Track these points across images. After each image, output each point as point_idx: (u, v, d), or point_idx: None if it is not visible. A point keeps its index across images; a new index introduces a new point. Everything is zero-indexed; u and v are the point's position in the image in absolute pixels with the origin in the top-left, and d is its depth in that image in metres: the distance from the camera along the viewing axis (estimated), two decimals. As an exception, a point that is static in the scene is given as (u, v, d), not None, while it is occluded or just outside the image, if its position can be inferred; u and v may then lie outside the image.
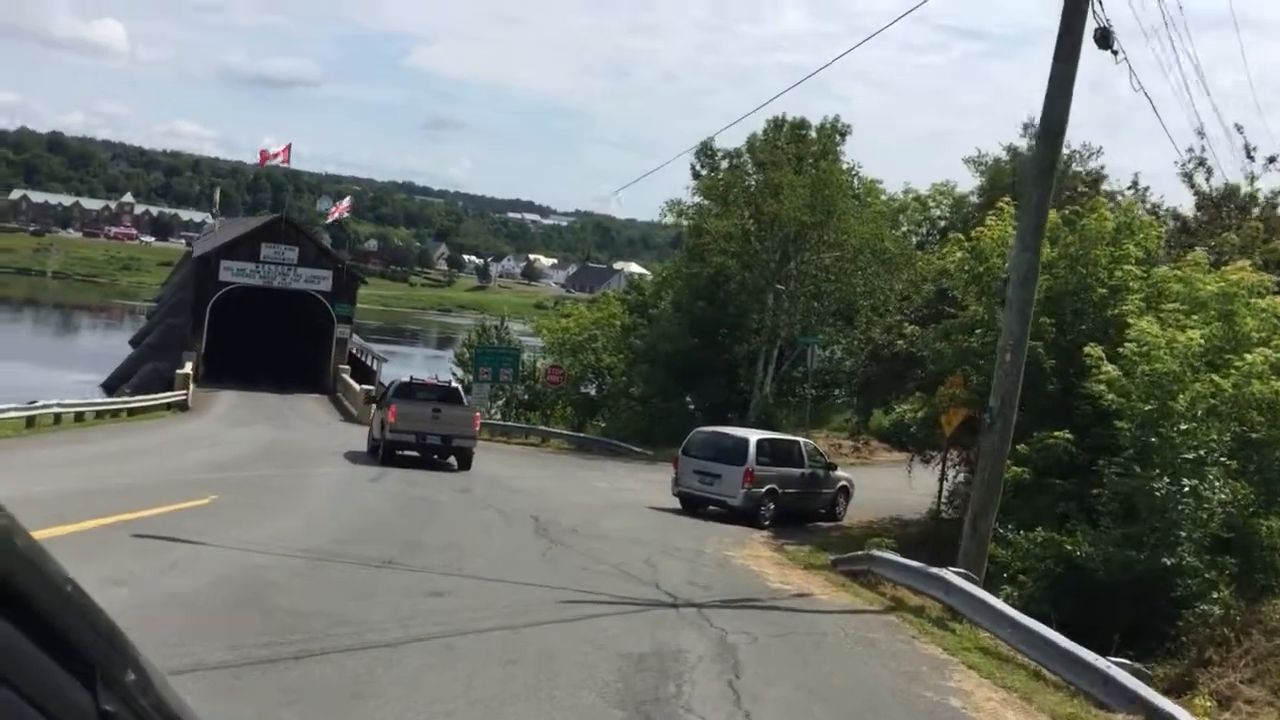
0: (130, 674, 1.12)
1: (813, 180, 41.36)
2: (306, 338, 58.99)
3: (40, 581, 1.02)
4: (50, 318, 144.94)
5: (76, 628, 1.05)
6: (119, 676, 1.10)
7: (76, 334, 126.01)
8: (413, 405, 30.08)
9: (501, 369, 47.17)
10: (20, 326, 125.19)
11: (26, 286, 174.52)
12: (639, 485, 31.53)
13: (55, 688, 1.01)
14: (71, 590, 1.07)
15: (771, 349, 42.79)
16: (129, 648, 1.15)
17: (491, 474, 30.12)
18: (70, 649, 1.04)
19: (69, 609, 1.05)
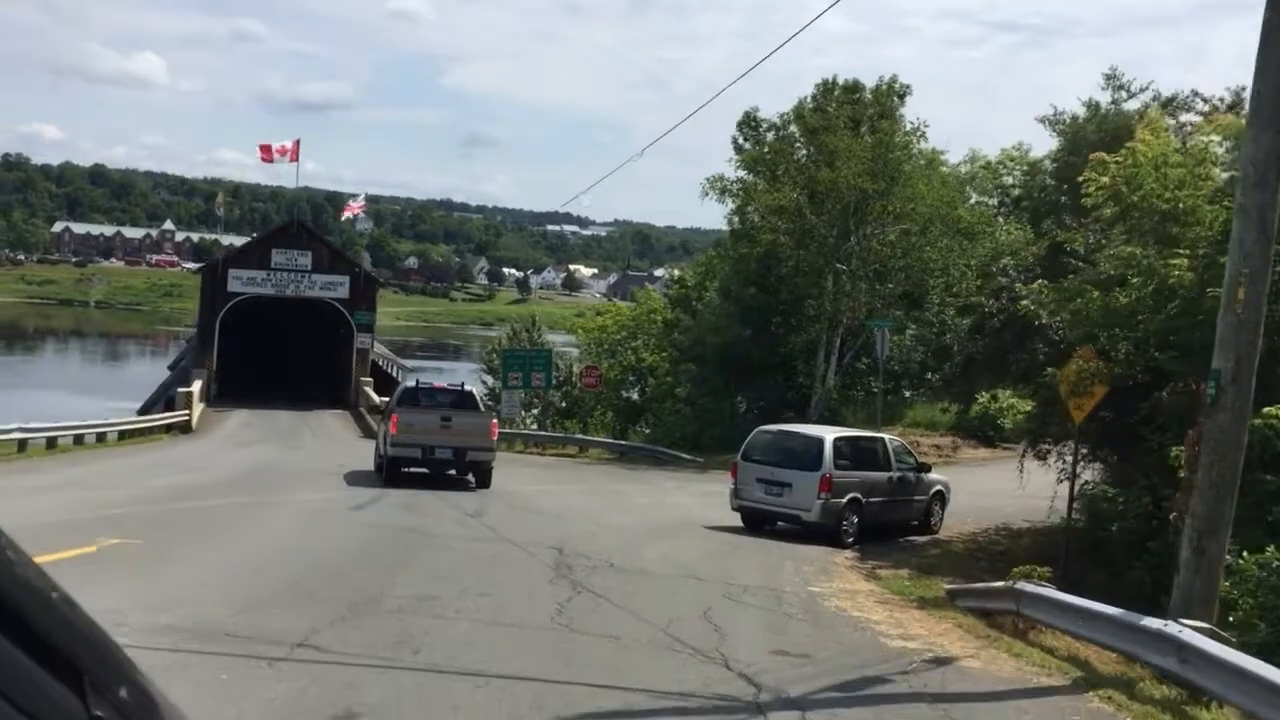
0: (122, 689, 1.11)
1: (873, 143, 35.94)
2: (325, 349, 54.21)
3: (24, 588, 1.03)
4: (95, 347, 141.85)
5: (63, 635, 1.06)
6: (110, 685, 1.10)
7: (122, 362, 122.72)
8: (418, 414, 25.04)
9: (533, 372, 42.03)
10: (69, 356, 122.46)
11: (71, 317, 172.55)
12: (689, 499, 26.29)
13: (43, 694, 1.01)
14: (57, 598, 1.07)
15: (833, 337, 37.39)
16: (121, 658, 1.13)
17: (514, 492, 25.02)
18: (57, 656, 1.04)
19: (54, 617, 1.06)
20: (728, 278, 39.53)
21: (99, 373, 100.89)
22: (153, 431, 40.02)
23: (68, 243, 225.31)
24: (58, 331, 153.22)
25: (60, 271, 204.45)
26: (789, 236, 35.84)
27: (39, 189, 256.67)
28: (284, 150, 50.40)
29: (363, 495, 22.34)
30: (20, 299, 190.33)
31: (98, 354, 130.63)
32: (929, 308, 38.05)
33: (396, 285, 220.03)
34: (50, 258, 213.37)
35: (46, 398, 59.89)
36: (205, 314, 50.24)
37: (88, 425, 34.61)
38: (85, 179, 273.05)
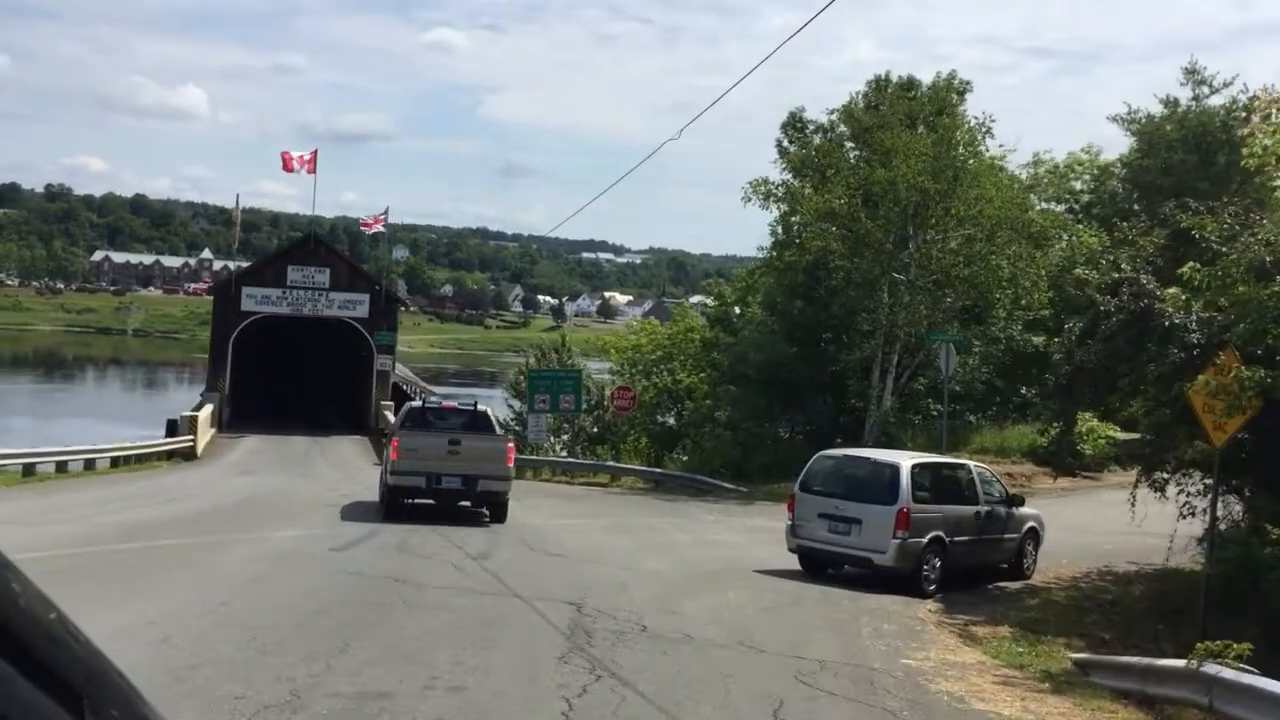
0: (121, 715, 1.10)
1: (934, 140, 32.26)
2: (344, 372, 50.97)
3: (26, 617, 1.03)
4: (132, 375, 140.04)
5: (61, 658, 1.06)
6: (109, 711, 1.09)
7: (158, 390, 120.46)
8: (422, 437, 21.57)
9: (561, 395, 38.48)
10: (107, 384, 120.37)
11: (109, 345, 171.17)
12: (735, 536, 22.62)
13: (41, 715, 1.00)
14: (55, 618, 1.08)
15: (889, 354, 33.61)
16: (123, 685, 1.13)
17: (534, 527, 21.46)
18: (55, 678, 1.03)
19: (55, 643, 1.06)
20: (772, 290, 35.80)
21: (134, 400, 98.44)
22: (152, 458, 36.80)
23: (107, 271, 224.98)
24: (96, 360, 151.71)
25: (99, 300, 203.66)
26: (841, 243, 32.12)
27: (80, 219, 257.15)
28: (303, 160, 47.30)
29: (353, 531, 18.85)
30: (59, 327, 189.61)
31: (135, 381, 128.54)
32: (993, 322, 34.21)
33: (431, 313, 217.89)
34: (89, 286, 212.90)
35: (73, 425, 57.05)
36: (217, 335, 47.11)
37: (72, 451, 31.34)
38: (126, 209, 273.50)
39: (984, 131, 32.86)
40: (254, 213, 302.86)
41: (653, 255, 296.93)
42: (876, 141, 32.98)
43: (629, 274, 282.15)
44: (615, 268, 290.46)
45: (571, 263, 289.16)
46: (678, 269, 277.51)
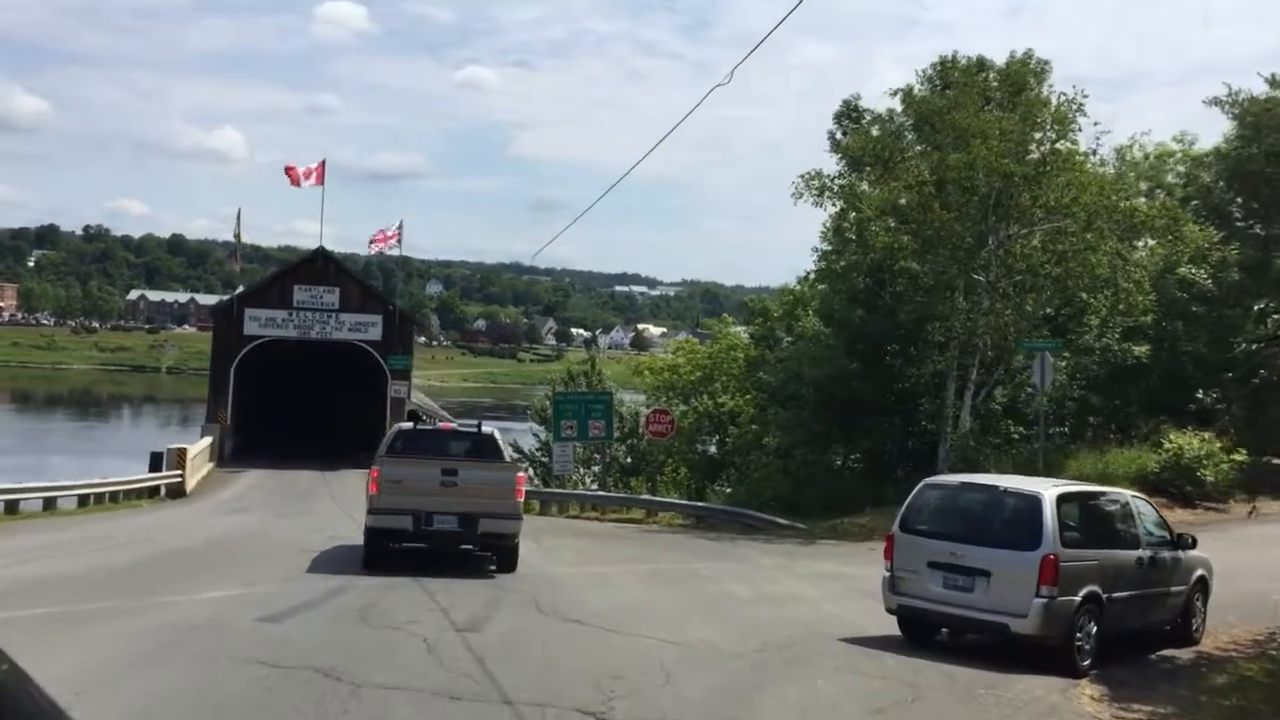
0: None
1: (1019, 117, 27.56)
2: (356, 399, 46.55)
3: None
4: (168, 412, 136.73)
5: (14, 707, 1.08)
6: None
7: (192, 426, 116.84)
8: (410, 465, 17.03)
9: (590, 420, 33.83)
10: (142, 421, 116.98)
11: (143, 383, 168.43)
12: (803, 586, 17.85)
13: None
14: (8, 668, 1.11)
15: (967, 368, 28.78)
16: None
17: (551, 578, 16.86)
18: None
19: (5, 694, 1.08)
20: (829, 297, 31.00)
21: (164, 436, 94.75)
22: (134, 495, 32.46)
23: (142, 310, 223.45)
24: (131, 398, 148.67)
25: (133, 338, 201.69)
26: (912, 238, 27.34)
27: (117, 259, 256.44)
28: (309, 173, 43.09)
29: (311, 589, 14.26)
30: (94, 366, 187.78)
31: (170, 418, 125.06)
32: (1085, 329, 29.33)
33: (464, 347, 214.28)
34: (124, 325, 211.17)
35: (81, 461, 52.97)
36: (218, 361, 42.81)
37: (28, 489, 26.96)
38: (164, 249, 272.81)
39: (1075, 108, 28.00)
40: (289, 250, 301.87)
41: (686, 287, 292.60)
42: (948, 124, 28.28)
43: (663, 306, 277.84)
44: (649, 300, 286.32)
45: (605, 296, 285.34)
46: (711, 300, 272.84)
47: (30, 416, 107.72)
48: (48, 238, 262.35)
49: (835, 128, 33.65)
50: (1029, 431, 31.83)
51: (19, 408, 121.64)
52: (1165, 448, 26.38)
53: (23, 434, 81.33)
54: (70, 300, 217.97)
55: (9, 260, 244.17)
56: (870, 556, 22.40)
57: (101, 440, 78.44)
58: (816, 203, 30.94)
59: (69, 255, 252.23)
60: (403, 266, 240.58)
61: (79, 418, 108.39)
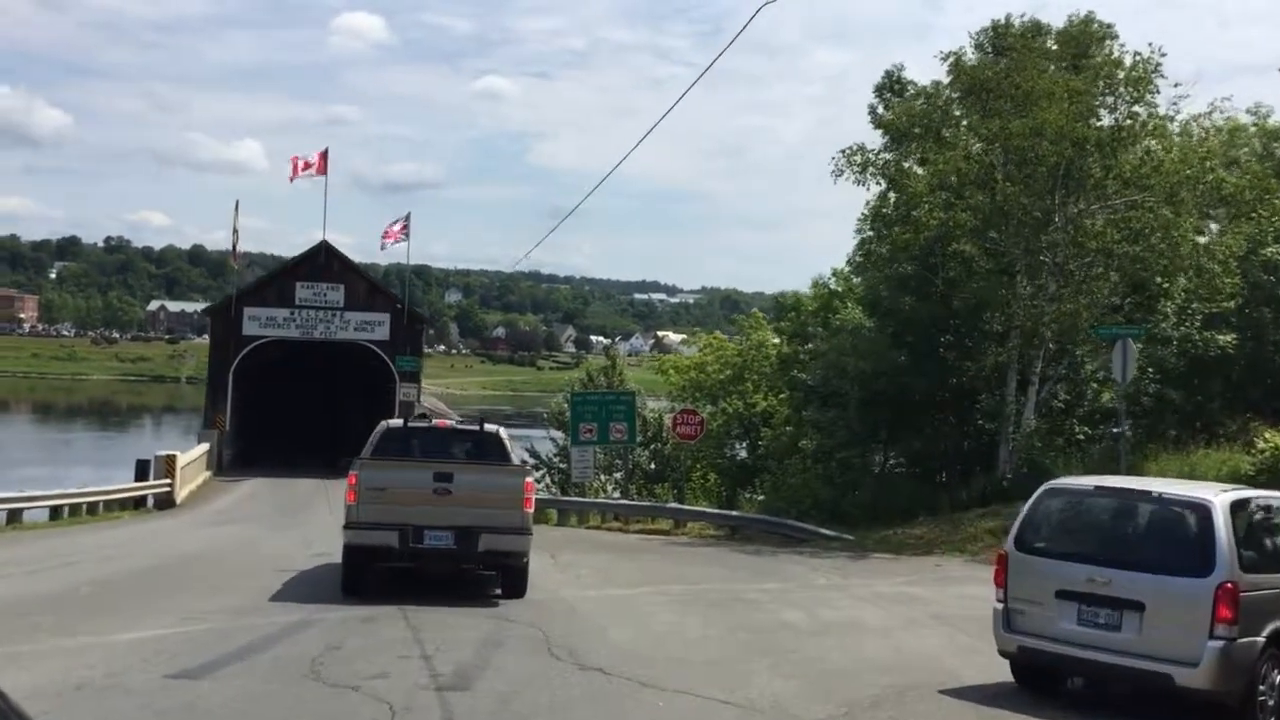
0: None
1: (1089, 78, 24.42)
2: (363, 402, 43.56)
3: None
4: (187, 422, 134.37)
5: None
6: None
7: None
8: (396, 470, 14.04)
9: (612, 423, 30.79)
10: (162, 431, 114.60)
11: (163, 394, 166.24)
12: (868, 611, 14.71)
13: None
14: None
15: (1030, 359, 25.62)
16: None
17: (567, 603, 13.85)
18: None
19: None
20: (874, 282, 27.87)
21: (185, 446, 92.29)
22: (115, 506, 29.60)
23: (162, 321, 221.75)
24: (151, 408, 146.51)
25: (153, 349, 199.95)
26: (971, 214, 24.16)
27: (138, 270, 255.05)
28: (308, 164, 40.24)
29: (259, 626, 11.25)
30: (113, 376, 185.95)
31: (191, 428, 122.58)
32: (1159, 317, 26.11)
33: (484, 355, 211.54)
34: (144, 335, 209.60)
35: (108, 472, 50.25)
36: (215, 363, 39.94)
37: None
38: (184, 260, 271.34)
39: (1152, 68, 24.77)
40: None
41: (705, 294, 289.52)
42: (1008, 88, 25.16)
43: (682, 313, 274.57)
44: (668, 308, 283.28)
45: (624, 303, 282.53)
46: (731, 307, 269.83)
47: (50, 427, 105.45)
48: (69, 250, 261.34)
49: (876, 101, 30.51)
50: (1094, 431, 28.66)
51: (39, 418, 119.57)
52: (1260, 448, 23.10)
53: (42, 445, 78.91)
54: (90, 311, 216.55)
55: (30, 272, 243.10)
56: (937, 574, 19.31)
57: (119, 450, 75.79)
58: (859, 180, 27.81)
59: (90, 267, 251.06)
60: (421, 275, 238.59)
61: (98, 428, 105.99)
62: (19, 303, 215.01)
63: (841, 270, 36.80)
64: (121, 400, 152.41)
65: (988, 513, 24.24)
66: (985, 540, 22.29)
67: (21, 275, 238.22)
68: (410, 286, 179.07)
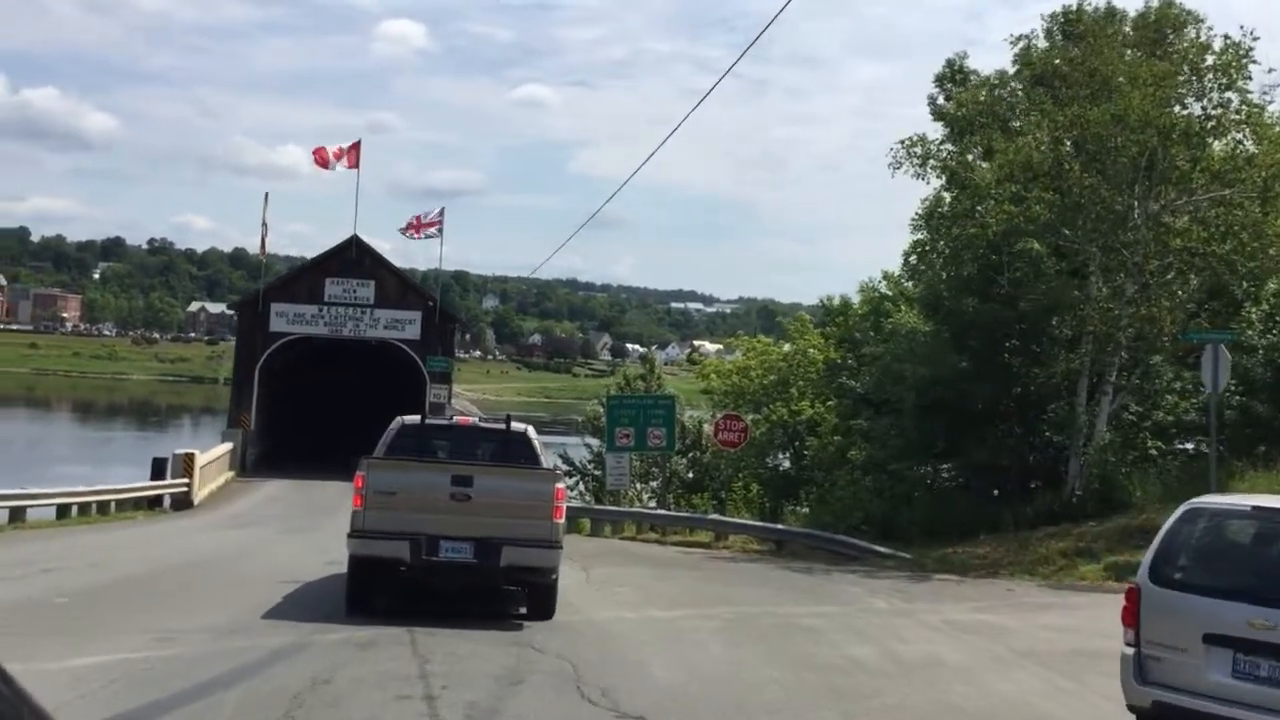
0: None
1: (1176, 63, 22.41)
2: (392, 403, 41.98)
3: None
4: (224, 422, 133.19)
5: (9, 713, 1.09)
6: None
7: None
8: (408, 472, 12.33)
9: (650, 428, 28.98)
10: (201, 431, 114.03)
11: (200, 395, 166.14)
12: (944, 645, 12.80)
13: None
14: None
15: (1105, 367, 23.58)
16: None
17: (599, 628, 12.06)
18: None
19: None
20: (933, 284, 25.92)
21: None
22: (133, 506, 28.16)
23: (202, 322, 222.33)
24: (190, 408, 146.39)
25: (192, 349, 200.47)
26: (1044, 207, 22.16)
27: (180, 272, 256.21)
28: (340, 153, 38.74)
29: (240, 651, 9.53)
30: (153, 376, 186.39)
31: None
32: (1244, 323, 23.99)
33: (520, 361, 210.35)
34: (184, 336, 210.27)
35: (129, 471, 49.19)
36: (242, 360, 38.46)
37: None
38: (226, 262, 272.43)
39: (1243, 53, 22.71)
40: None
41: (742, 304, 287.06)
42: (1083, 73, 23.19)
43: (719, 323, 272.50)
44: (705, 317, 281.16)
45: (661, 312, 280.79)
46: (768, 318, 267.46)
47: (90, 426, 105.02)
48: (114, 251, 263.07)
49: (937, 91, 28.71)
50: (1168, 446, 26.56)
51: (80, 417, 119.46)
52: (1360, 466, 21.02)
53: (82, 443, 78.19)
54: (132, 312, 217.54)
55: (75, 272, 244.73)
56: (1010, 600, 17.35)
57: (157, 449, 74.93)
58: (918, 174, 25.89)
59: (133, 268, 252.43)
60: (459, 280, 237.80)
61: (137, 427, 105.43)
62: (62, 302, 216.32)
63: (892, 274, 34.85)
64: (160, 400, 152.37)
65: (1057, 532, 22.26)
66: (1057, 562, 20.33)
67: (65, 275, 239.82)
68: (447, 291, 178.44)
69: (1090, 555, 20.16)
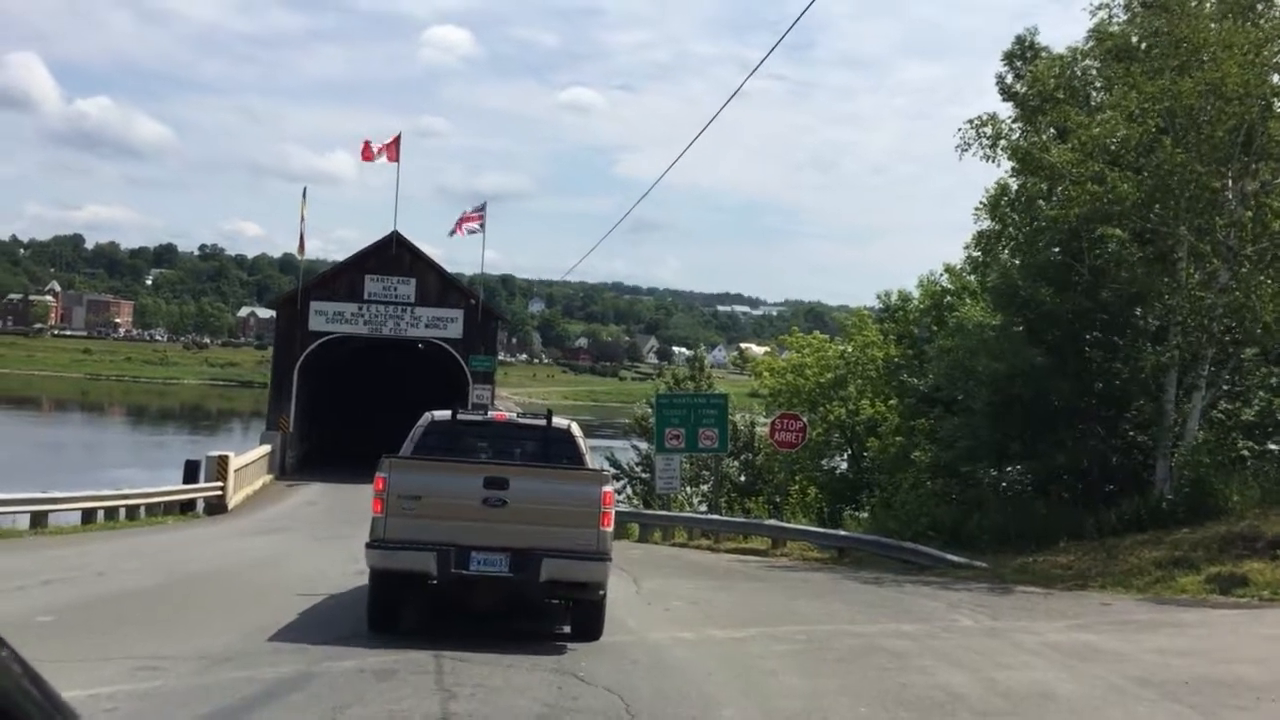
0: None
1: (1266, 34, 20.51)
2: (432, 404, 40.72)
3: None
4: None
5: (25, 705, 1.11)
6: None
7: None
8: (436, 474, 10.80)
9: (701, 429, 27.40)
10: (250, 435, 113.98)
11: (250, 399, 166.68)
12: (1050, 671, 11.06)
13: None
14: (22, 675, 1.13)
15: (1197, 362, 21.65)
16: None
17: (653, 650, 10.44)
18: None
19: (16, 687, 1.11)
20: (1006, 273, 24.07)
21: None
22: (164, 510, 26.98)
23: (252, 326, 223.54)
24: (240, 412, 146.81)
25: (242, 354, 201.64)
26: (1133, 187, 20.29)
27: (231, 277, 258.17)
28: (383, 148, 37.52)
29: (233, 683, 8.03)
30: (204, 381, 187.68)
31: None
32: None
33: (566, 365, 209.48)
34: (234, 341, 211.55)
35: None
36: (280, 360, 37.32)
37: (5, 501, 21.30)
38: (275, 268, 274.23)
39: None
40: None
41: (789, 307, 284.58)
42: (1167, 46, 21.30)
43: (765, 326, 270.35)
44: (751, 320, 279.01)
45: (707, 315, 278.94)
46: (815, 320, 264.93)
47: (142, 430, 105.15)
48: (166, 257, 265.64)
49: (1005, 69, 26.85)
50: (1259, 447, 24.52)
51: (133, 421, 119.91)
52: None
53: (135, 447, 77.97)
54: (183, 317, 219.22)
55: (128, 279, 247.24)
56: (1110, 616, 15.50)
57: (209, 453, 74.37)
58: (988, 156, 24.05)
59: (185, 274, 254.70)
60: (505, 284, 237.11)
61: (188, 431, 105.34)
62: (115, 308, 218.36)
63: (954, 266, 32.97)
64: (210, 404, 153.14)
65: (1147, 540, 20.33)
66: (1152, 573, 18.40)
67: (118, 281, 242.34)
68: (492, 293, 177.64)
69: (1189, 565, 18.25)
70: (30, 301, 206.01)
